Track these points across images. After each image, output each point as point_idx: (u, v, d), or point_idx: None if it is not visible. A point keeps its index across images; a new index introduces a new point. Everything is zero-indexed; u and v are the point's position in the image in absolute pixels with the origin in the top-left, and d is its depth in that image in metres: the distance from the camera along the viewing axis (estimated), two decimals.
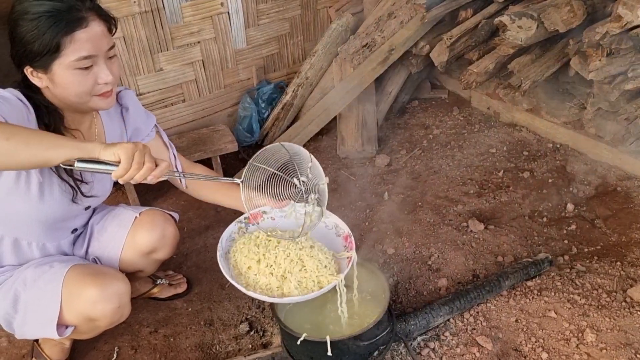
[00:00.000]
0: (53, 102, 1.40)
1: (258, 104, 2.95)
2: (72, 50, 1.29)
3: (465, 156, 2.77)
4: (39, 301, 1.48)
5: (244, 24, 2.84)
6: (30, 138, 1.15)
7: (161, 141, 1.74)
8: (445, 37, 2.60)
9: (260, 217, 1.63)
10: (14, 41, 1.31)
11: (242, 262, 1.50)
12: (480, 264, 2.10)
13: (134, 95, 1.67)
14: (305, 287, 1.45)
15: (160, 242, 1.71)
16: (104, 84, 1.37)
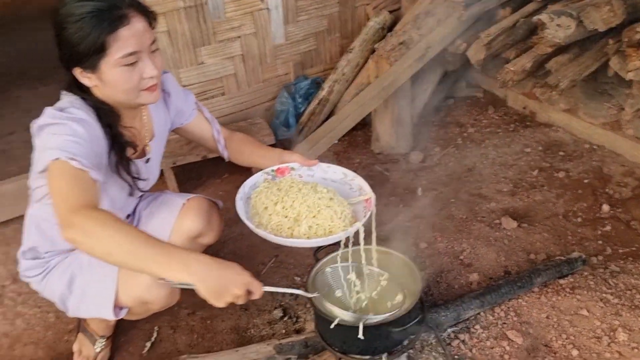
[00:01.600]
0: (105, 101, 1.45)
1: (295, 99, 3.01)
2: (117, 48, 1.33)
3: (500, 155, 2.78)
4: (95, 284, 1.57)
5: (283, 20, 2.91)
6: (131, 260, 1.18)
7: (203, 117, 1.80)
8: (483, 35, 2.61)
9: (287, 171, 1.68)
10: (61, 44, 1.36)
11: (260, 202, 1.56)
12: (512, 261, 2.12)
13: (173, 78, 1.73)
14: (315, 233, 1.47)
15: (206, 228, 1.78)
16: (150, 78, 1.41)
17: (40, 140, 1.35)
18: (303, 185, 1.59)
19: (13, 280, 2.24)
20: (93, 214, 1.20)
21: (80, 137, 1.32)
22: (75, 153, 1.28)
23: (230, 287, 1.22)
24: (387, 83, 2.74)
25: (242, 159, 1.83)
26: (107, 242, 1.17)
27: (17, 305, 2.12)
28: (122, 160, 1.52)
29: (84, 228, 1.18)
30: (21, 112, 3.61)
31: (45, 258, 1.64)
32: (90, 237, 1.18)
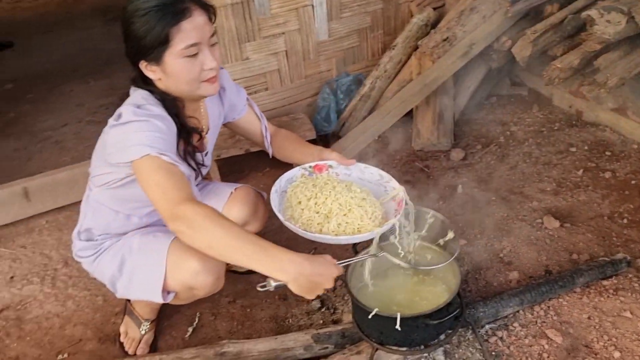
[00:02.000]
0: (169, 93, 1.52)
1: (337, 95, 3.04)
2: (180, 39, 1.40)
3: (544, 154, 2.73)
4: (145, 267, 1.63)
5: (327, 17, 2.94)
6: (230, 253, 1.28)
7: (253, 113, 1.86)
8: (529, 32, 2.57)
9: (325, 169, 1.72)
10: (129, 38, 1.44)
11: (294, 197, 1.60)
12: (553, 260, 2.09)
13: (227, 74, 1.79)
14: (343, 231, 1.50)
15: (252, 217, 1.84)
16: (209, 70, 1.48)
17: (120, 134, 1.42)
18: (338, 184, 1.62)
19: (65, 264, 2.35)
20: (196, 207, 1.29)
21: (163, 133, 1.41)
22: (163, 148, 1.37)
23: (321, 283, 1.31)
24: (430, 80, 2.74)
25: (284, 155, 1.87)
26: (209, 235, 1.27)
27: (68, 288, 2.22)
28: (188, 148, 1.58)
29: (189, 220, 1.28)
30: (73, 106, 3.77)
31: (98, 240, 1.72)
32: (194, 229, 1.28)
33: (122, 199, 1.64)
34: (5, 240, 2.51)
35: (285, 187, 1.68)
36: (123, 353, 1.90)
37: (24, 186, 2.52)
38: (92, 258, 1.72)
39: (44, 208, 2.60)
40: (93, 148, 1.66)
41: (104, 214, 1.68)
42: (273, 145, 1.88)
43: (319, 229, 1.52)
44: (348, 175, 1.75)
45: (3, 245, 2.48)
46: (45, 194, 2.57)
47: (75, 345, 1.97)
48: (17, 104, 3.88)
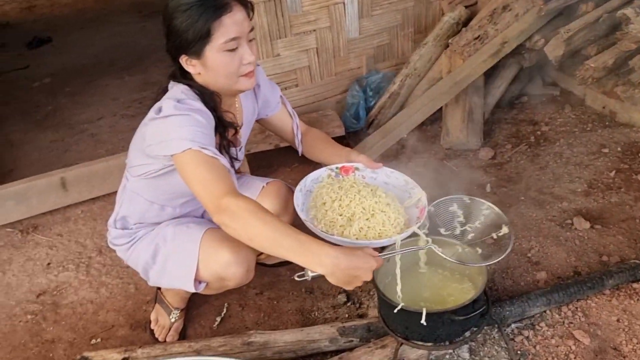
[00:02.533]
0: (207, 87, 1.56)
1: (366, 92, 3.05)
2: (221, 33, 1.44)
3: (575, 154, 2.70)
4: (178, 257, 1.68)
5: (358, 15, 2.95)
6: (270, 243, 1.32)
7: (286, 111, 1.89)
8: (563, 31, 2.55)
9: (352, 171, 1.73)
10: (171, 33, 1.48)
11: (319, 197, 1.63)
12: (583, 262, 2.07)
13: (263, 71, 1.82)
14: (365, 236, 1.51)
15: (283, 211, 1.87)
16: (248, 64, 1.52)
17: (161, 128, 1.47)
18: (363, 187, 1.63)
19: (99, 252, 2.42)
20: (239, 201, 1.34)
21: (204, 127, 1.46)
22: (204, 142, 1.42)
23: (359, 276, 1.33)
24: (460, 78, 2.73)
25: (313, 154, 1.90)
26: (251, 229, 1.32)
27: (102, 276, 2.29)
28: (223, 142, 1.63)
29: (233, 214, 1.33)
30: (109, 100, 3.87)
31: (133, 229, 1.77)
32: (238, 222, 1.33)
33: (158, 189, 1.69)
34: (43, 228, 2.60)
35: (310, 187, 1.71)
36: (153, 339, 1.96)
37: (61, 176, 2.60)
38: (127, 246, 1.78)
39: (80, 198, 2.68)
40: (127, 141, 1.72)
41: (139, 204, 1.74)
42: (303, 144, 1.91)
43: (341, 231, 1.53)
44: (374, 179, 1.76)
45: (41, 233, 2.57)
46: (82, 184, 2.65)
47: (107, 330, 2.04)
48: (55, 98, 4.00)
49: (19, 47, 5.28)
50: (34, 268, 2.37)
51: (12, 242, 2.53)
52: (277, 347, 1.77)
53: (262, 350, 1.77)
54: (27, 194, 2.57)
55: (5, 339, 2.03)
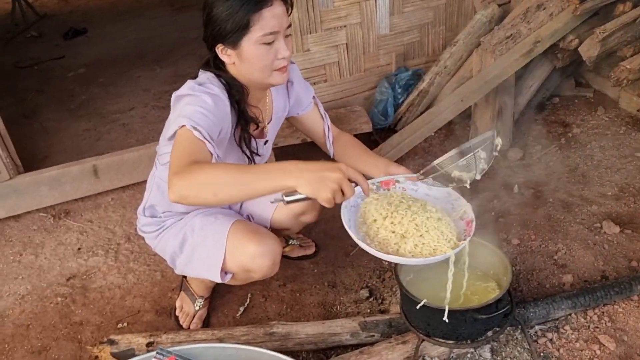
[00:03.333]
0: (238, 79, 1.58)
1: (395, 89, 3.05)
2: (260, 26, 1.45)
3: (607, 157, 2.65)
4: (205, 247, 1.70)
5: (389, 11, 2.94)
6: (236, 188, 1.25)
7: (318, 112, 1.89)
8: (598, 31, 2.50)
9: (392, 184, 1.71)
10: (210, 22, 1.50)
11: (369, 214, 1.58)
12: (611, 266, 2.03)
13: (298, 69, 1.83)
14: (420, 253, 1.49)
15: (309, 207, 1.86)
16: (282, 59, 1.53)
17: (176, 109, 1.49)
18: (413, 203, 1.60)
19: (127, 239, 2.47)
20: (188, 167, 1.28)
21: (208, 110, 1.44)
22: (200, 124, 1.39)
23: (328, 176, 1.24)
24: (490, 77, 2.70)
25: (347, 161, 1.84)
26: (211, 181, 1.26)
27: (130, 262, 2.34)
28: (244, 135, 1.64)
29: (186, 177, 1.26)
30: (140, 91, 3.94)
31: (161, 217, 1.81)
32: (193, 182, 1.26)
33: None
34: (75, 214, 2.67)
35: (354, 202, 1.66)
36: (178, 326, 1.99)
37: (93, 164, 2.66)
38: (155, 234, 1.82)
39: (111, 186, 2.74)
40: (157, 131, 1.75)
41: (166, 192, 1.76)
42: (336, 148, 1.89)
43: (396, 249, 1.51)
44: (415, 191, 1.72)
45: (72, 218, 2.64)
46: (112, 172, 2.71)
47: (134, 315, 2.08)
48: (88, 87, 4.09)
49: (56, 37, 5.41)
50: (65, 252, 2.44)
51: (44, 226, 2.60)
52: (299, 339, 1.79)
53: (283, 341, 1.79)
54: (61, 180, 2.64)
55: (36, 319, 2.10)
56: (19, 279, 2.30)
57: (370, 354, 1.67)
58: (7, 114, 3.46)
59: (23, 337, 2.03)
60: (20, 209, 2.62)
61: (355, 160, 1.82)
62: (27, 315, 2.12)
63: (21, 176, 2.62)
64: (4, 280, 2.30)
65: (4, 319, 2.11)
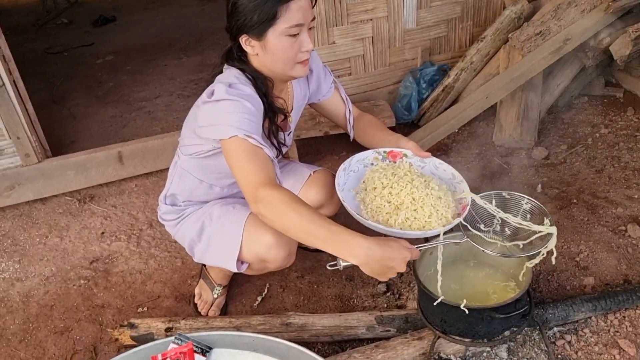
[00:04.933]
0: (260, 71, 1.59)
1: (419, 84, 3.02)
2: (286, 18, 1.46)
3: (635, 159, 2.59)
4: (222, 236, 1.72)
5: (417, 5, 2.92)
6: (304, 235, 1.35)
7: (339, 96, 1.89)
8: (631, 30, 2.44)
9: (399, 156, 1.72)
10: (235, 12, 1.50)
11: (371, 180, 1.62)
12: (634, 271, 2.00)
13: (317, 56, 1.83)
14: (409, 226, 1.50)
15: (328, 200, 1.89)
16: (305, 52, 1.54)
17: (212, 111, 1.51)
18: (417, 177, 1.61)
19: (149, 225, 2.51)
20: (275, 192, 1.37)
21: (252, 115, 1.49)
22: (250, 131, 1.45)
23: (392, 267, 1.33)
24: (517, 74, 2.66)
25: (364, 139, 1.89)
26: (286, 220, 1.35)
27: (151, 248, 2.38)
28: (272, 127, 1.66)
29: (269, 205, 1.37)
30: (166, 79, 3.98)
31: (181, 206, 1.83)
32: (273, 212, 1.37)
33: (207, 169, 1.73)
34: (99, 199, 2.72)
35: (354, 167, 1.71)
36: (196, 313, 2.03)
37: (118, 150, 2.71)
38: (175, 222, 1.84)
39: (135, 172, 2.78)
40: (182, 120, 1.77)
41: (188, 181, 1.79)
42: (355, 129, 1.90)
43: (387, 219, 1.53)
44: (421, 168, 1.74)
45: (97, 203, 2.69)
46: (137, 159, 2.75)
47: (154, 300, 2.12)
48: (116, 75, 4.15)
49: (86, 25, 5.50)
50: (89, 236, 2.49)
51: (70, 210, 2.66)
52: (315, 330, 1.81)
53: (299, 332, 1.80)
54: (87, 165, 2.69)
55: (59, 300, 2.15)
56: (44, 261, 2.36)
57: (385, 348, 1.67)
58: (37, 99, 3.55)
59: (47, 317, 2.08)
60: (47, 192, 2.69)
61: (370, 138, 1.85)
62: (51, 296, 2.17)
63: (49, 160, 2.68)
64: (30, 261, 2.36)
65: (29, 298, 2.17)
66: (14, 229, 2.56)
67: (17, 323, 2.06)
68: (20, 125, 2.53)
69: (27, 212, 2.65)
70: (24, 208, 2.67)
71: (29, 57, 4.70)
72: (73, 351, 1.93)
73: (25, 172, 2.61)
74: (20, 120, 2.53)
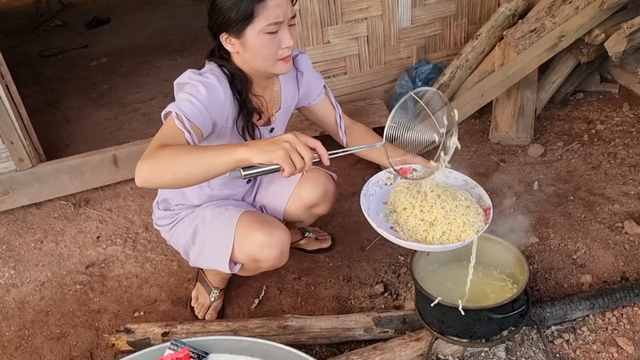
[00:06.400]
0: (242, 68, 1.59)
1: (415, 83, 3.02)
2: (264, 16, 1.46)
3: (630, 155, 2.59)
4: (215, 238, 1.72)
5: (411, 3, 2.91)
6: (193, 165, 1.28)
7: (329, 101, 1.89)
8: (625, 26, 2.44)
9: (410, 172, 1.71)
10: (214, 10, 1.50)
11: (399, 202, 1.62)
12: (631, 267, 1.99)
13: (308, 59, 1.83)
14: (447, 239, 1.51)
15: (322, 198, 1.88)
16: (286, 48, 1.53)
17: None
18: (443, 191, 1.61)
19: (145, 228, 2.50)
20: (148, 152, 1.31)
21: (199, 99, 1.45)
22: (186, 112, 1.41)
23: (276, 141, 1.25)
24: (513, 72, 2.66)
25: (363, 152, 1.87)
26: (167, 164, 1.28)
27: (147, 252, 2.37)
28: (247, 125, 1.65)
29: (147, 164, 1.29)
30: (161, 81, 3.97)
31: (175, 210, 1.83)
32: (153, 169, 1.29)
33: None
34: (94, 202, 2.70)
35: (372, 191, 1.71)
36: (193, 316, 2.01)
37: (113, 153, 2.70)
38: (169, 227, 1.84)
39: (130, 175, 2.77)
40: None
41: None
42: (349, 137, 1.89)
43: (424, 236, 1.54)
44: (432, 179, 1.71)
45: (92, 207, 2.68)
46: (132, 162, 2.74)
47: (150, 305, 2.11)
48: (110, 77, 4.13)
49: (79, 26, 5.48)
50: (84, 240, 2.47)
51: (65, 214, 2.65)
52: (312, 333, 1.80)
53: (297, 334, 1.79)
54: (81, 169, 2.68)
55: (55, 305, 2.14)
56: (39, 266, 2.35)
57: (383, 350, 1.67)
58: (31, 102, 3.54)
59: (42, 323, 2.07)
60: (42, 197, 2.67)
61: (371, 151, 1.80)
62: (46, 302, 2.16)
63: (43, 164, 2.66)
64: (25, 267, 2.35)
65: (25, 304, 2.16)
66: (9, 234, 2.54)
67: (12, 330, 2.05)
68: (14, 129, 2.52)
69: (22, 217, 2.64)
70: (18, 213, 2.66)
71: (23, 60, 4.68)
72: (69, 357, 1.92)
73: (20, 177, 2.59)
74: (14, 124, 2.51)
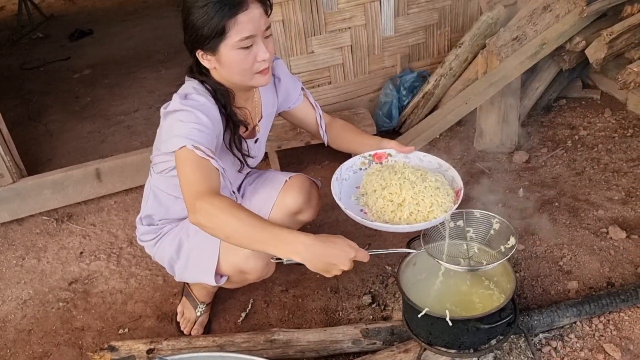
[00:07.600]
0: (222, 82, 1.58)
1: (399, 91, 3.02)
2: (236, 31, 1.44)
3: (614, 160, 2.61)
4: (199, 251, 1.70)
5: (394, 13, 2.92)
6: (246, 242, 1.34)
7: (308, 103, 1.89)
8: (605, 33, 2.46)
9: (384, 157, 1.73)
10: (187, 28, 1.49)
11: (370, 184, 1.64)
12: (617, 273, 2.00)
13: (284, 64, 1.83)
14: (415, 220, 1.53)
15: (306, 205, 1.87)
16: (262, 61, 1.52)
17: (168, 124, 1.51)
18: (412, 173, 1.63)
19: (129, 243, 2.47)
20: (214, 200, 1.35)
21: (204, 125, 1.47)
22: (200, 142, 1.43)
23: (335, 264, 1.31)
24: (496, 79, 2.67)
25: (341, 144, 1.90)
26: (226, 227, 1.33)
27: (132, 266, 2.34)
28: (234, 138, 1.64)
29: (207, 214, 1.34)
30: (145, 92, 3.94)
31: (158, 225, 1.80)
32: (212, 222, 1.34)
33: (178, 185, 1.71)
34: (77, 217, 2.67)
35: (345, 175, 1.73)
36: (179, 332, 1.99)
37: (96, 167, 2.66)
38: (153, 242, 1.81)
39: (114, 189, 2.74)
40: None
41: (163, 200, 1.77)
42: (330, 134, 1.90)
43: (392, 217, 1.55)
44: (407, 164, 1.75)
45: (75, 222, 2.64)
46: (115, 175, 2.71)
47: (135, 321, 2.08)
48: (94, 89, 4.09)
49: (62, 38, 5.43)
50: (67, 256, 2.44)
51: (47, 230, 2.60)
52: (300, 346, 1.78)
53: (284, 348, 1.77)
54: (64, 184, 2.64)
55: (38, 324, 2.10)
56: (21, 284, 2.30)
57: None
58: (12, 116, 3.49)
59: (25, 342, 2.03)
60: (23, 213, 2.63)
61: (349, 143, 1.86)
62: (28, 320, 2.12)
63: (24, 180, 2.62)
64: (7, 285, 2.30)
65: (6, 323, 2.11)
66: None
67: None
68: None
69: (2, 234, 2.59)
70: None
71: (4, 73, 4.62)
72: None
73: (0, 192, 2.55)
74: None
